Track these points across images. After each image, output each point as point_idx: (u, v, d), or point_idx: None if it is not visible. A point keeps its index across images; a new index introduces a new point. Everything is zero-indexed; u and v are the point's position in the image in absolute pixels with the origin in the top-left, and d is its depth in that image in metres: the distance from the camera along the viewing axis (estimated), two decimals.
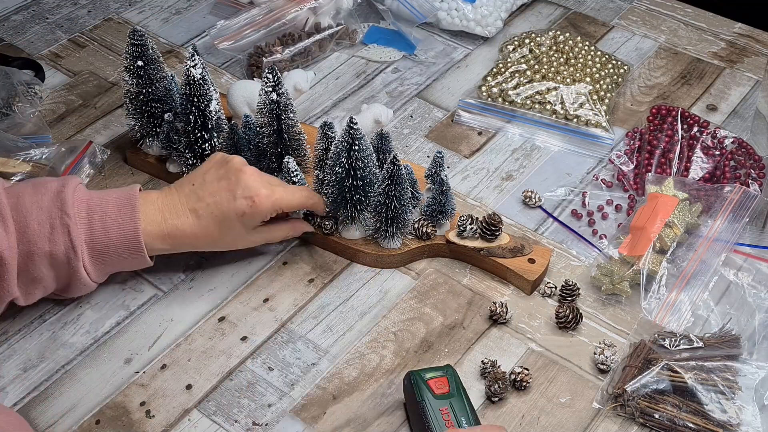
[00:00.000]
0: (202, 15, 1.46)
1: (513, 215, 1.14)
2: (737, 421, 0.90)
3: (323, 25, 1.37)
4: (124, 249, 0.96)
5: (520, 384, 0.94)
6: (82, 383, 0.96)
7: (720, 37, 1.43)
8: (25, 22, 1.43)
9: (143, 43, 1.07)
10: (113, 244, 0.95)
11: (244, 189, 0.98)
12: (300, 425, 0.93)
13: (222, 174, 1.00)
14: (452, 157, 1.22)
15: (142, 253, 0.97)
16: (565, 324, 1.01)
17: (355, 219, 1.06)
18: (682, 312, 1.01)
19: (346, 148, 0.99)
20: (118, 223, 0.95)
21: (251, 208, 0.98)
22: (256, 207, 0.98)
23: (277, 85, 1.05)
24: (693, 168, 1.16)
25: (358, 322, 1.02)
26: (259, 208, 0.98)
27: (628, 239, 1.07)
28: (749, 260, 1.08)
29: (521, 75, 1.27)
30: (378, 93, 1.32)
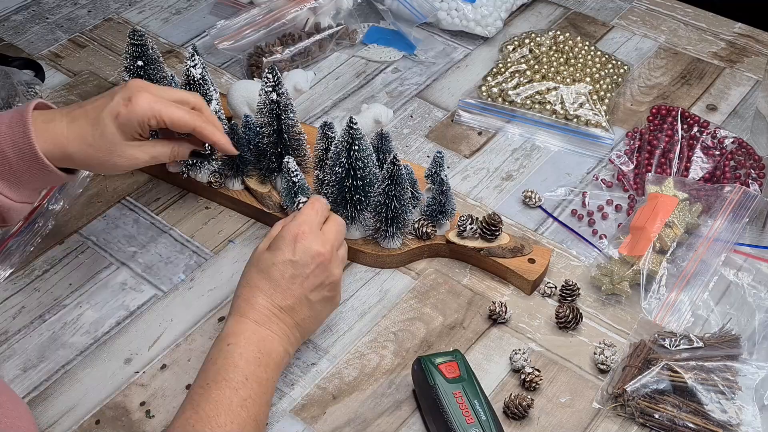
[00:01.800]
0: (202, 15, 1.46)
1: (513, 215, 1.14)
2: (737, 421, 0.90)
3: (323, 25, 1.37)
4: (27, 165, 0.91)
5: (530, 384, 0.94)
6: (82, 383, 0.96)
7: (720, 37, 1.43)
8: (25, 22, 1.43)
9: (143, 43, 1.07)
10: (14, 162, 0.90)
11: (125, 91, 0.93)
12: (300, 425, 0.93)
13: (109, 92, 0.95)
14: (452, 157, 1.22)
15: (46, 166, 0.91)
16: (565, 324, 1.01)
17: (355, 219, 1.06)
18: (682, 312, 1.01)
19: (346, 148, 0.99)
20: (11, 141, 0.90)
21: (126, 108, 0.91)
22: (131, 107, 0.92)
23: (277, 85, 1.05)
24: (693, 168, 1.16)
25: (358, 322, 1.02)
26: (135, 108, 0.92)
27: (628, 239, 1.07)
28: (749, 260, 1.08)
29: (521, 75, 1.27)
30: (378, 93, 1.32)
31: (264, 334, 0.89)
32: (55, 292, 1.05)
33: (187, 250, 1.10)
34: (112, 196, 1.16)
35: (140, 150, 0.95)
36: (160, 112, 0.93)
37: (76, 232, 1.11)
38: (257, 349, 0.87)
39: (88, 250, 1.09)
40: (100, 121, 0.92)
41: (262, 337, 0.88)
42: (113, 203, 1.15)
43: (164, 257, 1.09)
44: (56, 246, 1.10)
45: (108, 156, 0.93)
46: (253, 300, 0.90)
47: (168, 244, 1.10)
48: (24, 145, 0.90)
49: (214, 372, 0.85)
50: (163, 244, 1.10)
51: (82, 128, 0.92)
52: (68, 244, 1.10)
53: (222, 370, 0.85)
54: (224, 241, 1.11)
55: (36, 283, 1.06)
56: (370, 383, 0.96)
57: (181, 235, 1.11)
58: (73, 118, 0.92)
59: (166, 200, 1.15)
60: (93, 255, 1.08)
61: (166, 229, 1.12)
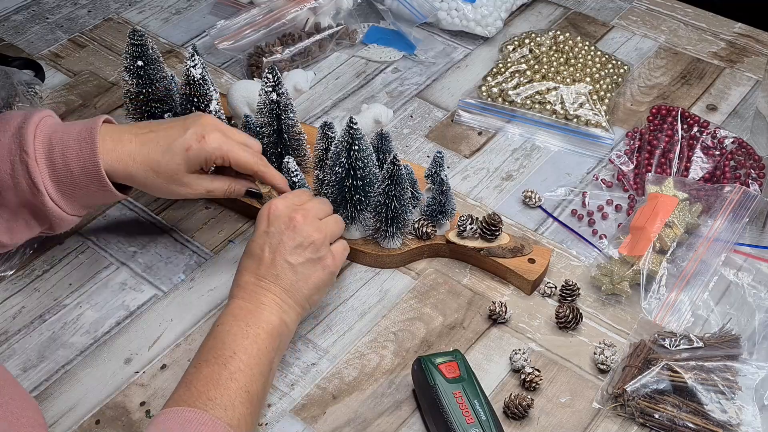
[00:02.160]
0: (202, 15, 1.46)
1: (513, 215, 1.14)
2: (737, 421, 0.90)
3: (323, 25, 1.37)
4: (88, 181, 0.94)
5: (530, 384, 0.94)
6: (82, 383, 0.96)
7: (720, 37, 1.43)
8: (25, 22, 1.43)
9: (143, 43, 1.07)
10: (76, 178, 0.94)
11: (199, 127, 0.97)
12: (300, 425, 0.93)
13: (183, 117, 1.00)
14: (452, 157, 1.22)
15: (106, 184, 0.95)
16: (565, 324, 1.01)
17: (355, 219, 1.06)
18: (682, 312, 1.01)
19: (346, 148, 0.99)
20: (78, 156, 0.93)
21: (198, 143, 0.96)
22: (203, 143, 0.96)
23: (277, 85, 1.05)
24: (693, 168, 1.16)
25: (358, 322, 1.02)
26: (206, 145, 0.96)
27: (628, 239, 1.07)
28: (749, 260, 1.08)
29: (521, 75, 1.27)
30: (378, 93, 1.32)
31: (251, 308, 0.90)
32: (55, 292, 1.05)
33: (187, 250, 1.10)
34: None
35: (199, 182, 1.00)
36: (228, 153, 0.98)
37: (76, 232, 1.11)
38: (245, 324, 0.88)
39: (88, 250, 1.09)
40: (170, 150, 0.96)
41: (249, 312, 0.90)
42: (113, 203, 1.15)
43: (164, 257, 1.09)
44: (56, 246, 1.10)
45: (169, 183, 0.98)
46: (239, 280, 0.93)
47: (168, 244, 1.10)
48: (89, 163, 0.93)
49: (205, 352, 0.87)
50: (163, 244, 1.10)
51: (151, 153, 0.96)
52: (68, 244, 1.10)
53: (212, 350, 0.87)
54: (224, 241, 1.11)
55: (36, 283, 1.06)
56: (370, 383, 0.96)
57: (181, 235, 1.11)
58: (144, 142, 0.96)
59: (166, 200, 1.15)
60: (93, 255, 1.08)
61: (166, 229, 1.12)
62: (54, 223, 0.96)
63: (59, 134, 0.94)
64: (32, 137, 0.92)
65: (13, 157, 0.92)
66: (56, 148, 0.93)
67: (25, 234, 0.96)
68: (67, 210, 0.96)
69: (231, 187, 1.02)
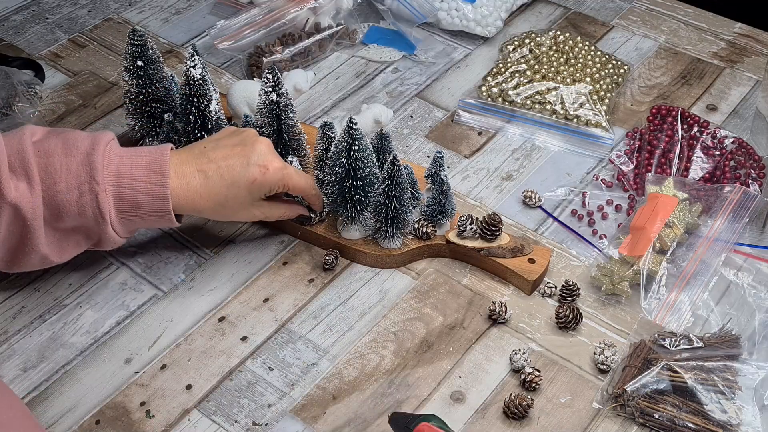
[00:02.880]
0: (202, 15, 1.46)
1: (513, 215, 1.14)
2: (737, 421, 0.90)
3: (323, 25, 1.37)
4: (153, 213, 0.96)
5: (530, 385, 0.94)
6: (82, 383, 0.96)
7: (720, 37, 1.43)
8: (25, 22, 1.43)
9: (143, 43, 1.07)
10: (142, 209, 0.95)
11: (259, 156, 0.98)
12: (300, 425, 0.93)
13: (237, 141, 1.00)
14: (452, 157, 1.22)
15: (170, 217, 0.97)
16: (565, 324, 1.01)
17: (355, 219, 1.06)
18: (682, 312, 1.01)
19: (346, 148, 0.99)
20: (147, 189, 0.95)
21: (263, 176, 0.98)
22: (268, 175, 0.98)
23: (277, 85, 1.05)
24: (693, 168, 1.16)
25: (358, 322, 1.02)
26: (270, 177, 0.98)
27: (628, 239, 1.07)
28: (749, 260, 1.08)
29: (521, 75, 1.27)
30: (378, 93, 1.32)
31: None
32: (55, 292, 1.05)
33: (187, 250, 1.10)
34: None
35: (259, 209, 1.02)
36: (289, 182, 1.01)
37: None
38: None
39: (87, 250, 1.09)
40: (235, 184, 0.98)
41: None
42: None
43: (164, 257, 1.09)
44: None
45: (233, 213, 1.01)
46: None
47: (168, 244, 1.10)
48: (158, 199, 0.95)
49: None
50: (163, 244, 1.10)
51: (216, 188, 0.98)
52: None
53: None
54: (224, 241, 1.11)
55: (36, 283, 1.06)
56: (370, 383, 0.96)
57: (181, 235, 1.11)
58: (207, 175, 0.97)
59: None
60: (93, 255, 1.08)
61: (166, 229, 1.12)
62: (104, 243, 0.97)
63: (127, 164, 0.95)
64: (102, 166, 0.93)
65: (81, 185, 0.92)
66: (125, 178, 0.94)
67: (74, 251, 0.98)
68: (122, 234, 0.97)
69: (286, 213, 1.05)
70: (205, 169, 0.98)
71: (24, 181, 0.91)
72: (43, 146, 0.93)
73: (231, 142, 1.00)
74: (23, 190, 0.91)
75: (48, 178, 0.92)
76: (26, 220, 0.91)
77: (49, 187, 0.92)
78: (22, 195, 0.90)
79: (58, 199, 0.92)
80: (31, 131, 0.94)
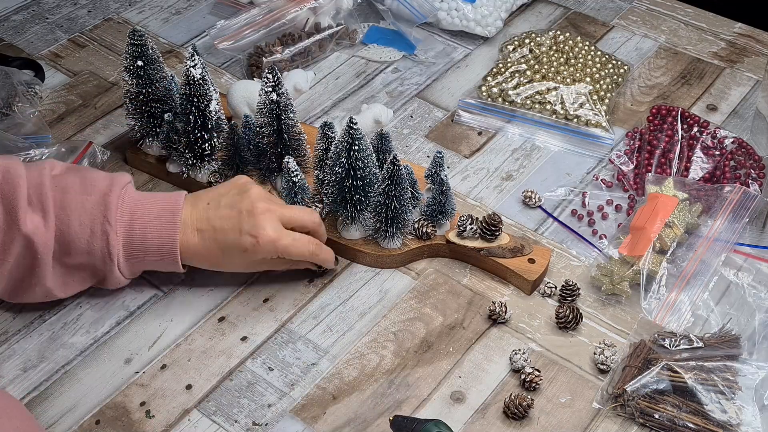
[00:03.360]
0: (202, 15, 1.46)
1: (513, 215, 1.14)
2: (737, 421, 0.90)
3: (323, 25, 1.37)
4: (160, 259, 0.97)
5: (530, 385, 0.94)
6: (82, 383, 0.96)
7: (720, 37, 1.43)
8: (25, 22, 1.43)
9: (143, 43, 1.07)
10: (150, 253, 0.97)
11: (252, 227, 0.96)
12: (300, 425, 0.93)
13: (235, 202, 0.98)
14: (452, 157, 1.22)
15: (177, 264, 0.98)
16: (565, 324, 1.00)
17: (355, 219, 1.06)
18: (682, 312, 1.01)
19: (346, 148, 0.99)
20: (157, 235, 0.96)
21: (253, 247, 0.97)
22: (258, 247, 0.97)
23: (277, 85, 1.05)
24: (693, 168, 1.16)
25: (358, 322, 1.02)
26: (261, 248, 0.97)
27: (628, 239, 1.06)
28: (749, 260, 1.08)
29: (521, 75, 1.27)
30: (378, 93, 1.32)
31: None
32: None
33: None
34: None
35: (260, 266, 1.02)
36: (284, 252, 0.98)
37: None
38: None
39: None
40: (227, 251, 0.98)
41: None
42: None
43: None
44: None
45: (234, 270, 1.03)
46: None
47: None
48: (167, 247, 0.96)
49: None
50: None
51: (210, 250, 0.98)
52: None
53: None
54: None
55: None
56: (370, 383, 0.96)
57: None
58: (204, 237, 0.98)
59: None
60: None
61: None
62: (108, 282, 0.99)
63: (141, 208, 0.96)
64: (116, 207, 0.94)
65: (94, 224, 0.93)
66: (137, 223, 0.95)
67: (78, 287, 0.99)
68: (127, 276, 0.98)
69: (291, 266, 1.04)
70: (202, 229, 0.98)
71: (39, 214, 0.92)
72: (62, 182, 0.94)
73: (230, 202, 0.99)
74: (38, 224, 0.92)
75: (62, 214, 0.93)
76: (37, 254, 0.92)
77: (63, 222, 0.93)
78: (37, 229, 0.92)
79: (69, 236, 0.93)
80: (51, 165, 0.96)
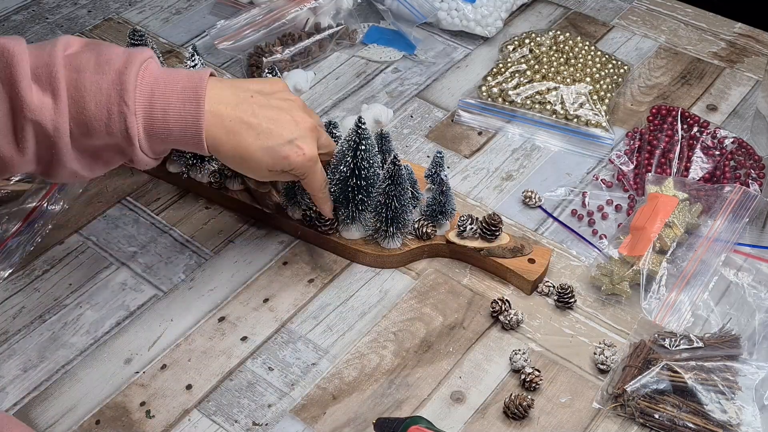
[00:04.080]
0: (202, 15, 1.46)
1: (513, 215, 1.14)
2: (737, 421, 0.90)
3: (323, 25, 1.37)
4: (184, 141, 0.91)
5: (530, 385, 0.94)
6: (82, 383, 0.96)
7: (720, 37, 1.43)
8: (25, 22, 1.43)
9: (143, 43, 1.07)
10: (173, 135, 0.90)
11: (301, 138, 0.94)
12: (300, 425, 0.93)
13: (288, 107, 0.95)
14: (452, 157, 1.22)
15: (202, 146, 0.91)
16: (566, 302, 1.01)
17: (356, 219, 1.06)
18: (682, 312, 1.01)
19: (352, 147, 0.99)
20: (180, 117, 0.89)
21: (295, 158, 0.94)
22: (299, 159, 0.94)
23: None
24: (693, 168, 1.16)
25: (358, 322, 1.02)
26: (301, 162, 0.94)
27: (628, 239, 1.07)
28: (749, 260, 1.08)
29: (521, 75, 1.27)
30: (378, 93, 1.32)
31: None
32: (55, 292, 1.05)
33: (187, 250, 1.10)
34: (112, 196, 1.16)
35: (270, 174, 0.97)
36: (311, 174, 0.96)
37: (76, 232, 1.11)
38: None
39: (88, 250, 1.09)
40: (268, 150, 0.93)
41: None
42: (113, 203, 1.15)
43: (164, 257, 1.09)
44: (56, 246, 1.09)
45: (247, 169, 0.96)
46: None
47: (168, 244, 1.10)
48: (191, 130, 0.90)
49: None
50: (163, 244, 1.10)
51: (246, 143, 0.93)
52: (68, 244, 1.10)
53: None
54: (224, 241, 1.11)
55: (36, 283, 1.06)
56: (370, 383, 0.96)
57: (181, 235, 1.11)
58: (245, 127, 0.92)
59: (166, 200, 1.15)
60: (93, 255, 1.08)
61: (166, 229, 1.12)
62: (138, 164, 0.93)
63: (162, 87, 0.89)
64: (133, 87, 0.88)
65: (110, 106, 0.87)
66: (158, 103, 0.89)
67: (104, 169, 0.93)
68: (152, 156, 0.92)
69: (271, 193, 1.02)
70: (247, 121, 0.92)
71: (49, 95, 0.86)
72: (76, 61, 0.88)
73: (282, 104, 0.95)
74: (46, 105, 0.86)
75: (77, 95, 0.87)
76: (49, 136, 0.86)
77: (78, 104, 0.87)
78: (45, 109, 0.86)
79: (86, 118, 0.87)
80: (65, 43, 0.89)
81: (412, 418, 0.86)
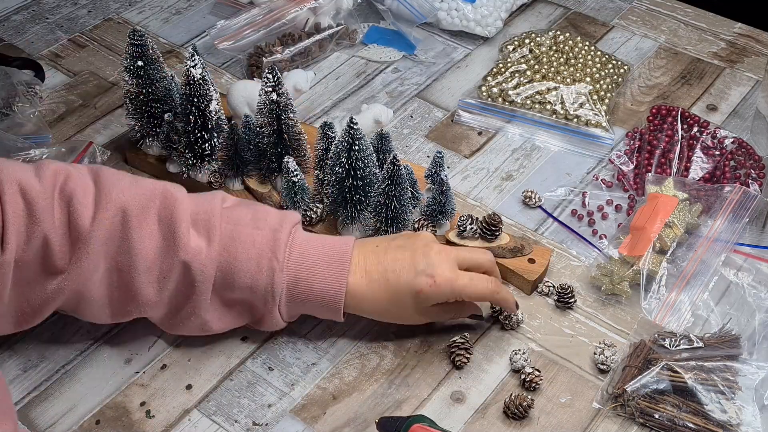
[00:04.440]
0: (202, 15, 1.46)
1: (513, 215, 1.14)
2: (737, 421, 0.90)
3: (323, 25, 1.37)
4: (322, 304, 0.94)
5: (530, 385, 0.94)
6: (82, 383, 0.96)
7: (720, 37, 1.43)
8: (25, 22, 1.43)
9: (143, 43, 1.07)
10: (313, 297, 0.93)
11: (428, 266, 0.92)
12: (300, 425, 0.93)
13: (408, 244, 0.95)
14: (452, 157, 1.22)
15: (339, 312, 0.94)
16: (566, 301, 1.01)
17: (355, 219, 1.06)
18: (682, 312, 1.01)
19: (346, 148, 0.99)
20: (323, 279, 0.92)
21: (430, 288, 0.92)
22: (435, 288, 0.92)
23: (277, 85, 1.05)
24: (693, 168, 1.16)
25: (358, 322, 1.02)
26: (438, 289, 0.92)
27: (628, 239, 1.06)
28: (749, 260, 1.08)
29: (521, 75, 1.27)
30: (378, 93, 1.32)
31: None
32: None
33: None
34: None
35: (426, 315, 0.97)
36: (461, 291, 0.94)
37: None
38: None
39: None
40: (398, 293, 0.93)
41: None
42: None
43: None
44: None
45: (398, 318, 0.97)
46: None
47: None
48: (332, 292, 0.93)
49: None
50: None
51: (377, 294, 0.94)
52: None
53: None
54: None
55: None
56: (370, 383, 0.96)
57: None
58: (372, 278, 0.94)
59: None
60: None
61: None
62: (265, 323, 0.95)
63: (311, 249, 0.93)
64: (285, 245, 0.91)
65: (261, 260, 0.90)
66: (305, 263, 0.92)
67: (233, 324, 0.96)
68: (285, 318, 0.95)
69: (455, 315, 1.00)
70: (371, 270, 0.94)
71: (204, 240, 0.90)
72: (233, 214, 0.92)
73: (402, 244, 0.95)
74: (200, 249, 0.89)
75: (231, 246, 0.90)
76: (195, 280, 0.90)
77: (229, 254, 0.90)
78: (198, 253, 0.89)
79: (234, 268, 0.90)
80: (223, 197, 0.94)
81: (415, 417, 0.86)
